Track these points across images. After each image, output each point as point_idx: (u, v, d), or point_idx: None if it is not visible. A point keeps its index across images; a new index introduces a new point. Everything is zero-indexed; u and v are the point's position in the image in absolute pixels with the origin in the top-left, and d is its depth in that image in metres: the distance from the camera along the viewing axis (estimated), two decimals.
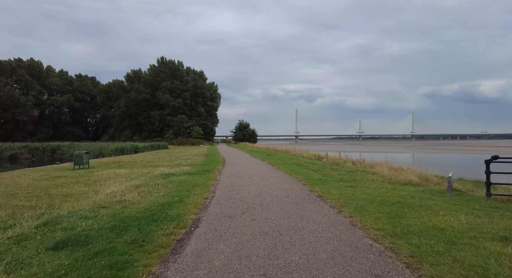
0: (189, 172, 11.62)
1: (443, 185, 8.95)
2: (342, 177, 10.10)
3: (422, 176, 10.23)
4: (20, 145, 43.13)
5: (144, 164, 16.20)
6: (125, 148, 34.55)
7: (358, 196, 6.55)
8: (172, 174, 11.16)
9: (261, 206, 5.78)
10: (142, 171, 12.58)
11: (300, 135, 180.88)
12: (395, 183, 9.02)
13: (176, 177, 10.33)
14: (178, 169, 12.92)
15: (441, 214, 4.80)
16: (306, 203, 5.98)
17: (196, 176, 10.54)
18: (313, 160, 18.18)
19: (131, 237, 3.89)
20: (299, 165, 14.42)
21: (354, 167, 13.81)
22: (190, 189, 7.75)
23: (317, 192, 7.19)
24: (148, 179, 9.88)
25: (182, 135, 67.01)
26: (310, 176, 10.11)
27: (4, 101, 66.53)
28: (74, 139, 68.55)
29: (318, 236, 3.95)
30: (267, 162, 16.86)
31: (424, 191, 7.61)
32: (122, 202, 6.28)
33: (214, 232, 4.21)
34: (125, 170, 12.96)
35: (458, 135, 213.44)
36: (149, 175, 11.03)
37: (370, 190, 7.46)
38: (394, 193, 6.98)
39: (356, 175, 10.81)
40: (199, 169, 12.75)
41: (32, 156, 40.87)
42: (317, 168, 13.08)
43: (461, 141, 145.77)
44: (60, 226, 4.41)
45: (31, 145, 43.10)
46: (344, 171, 11.94)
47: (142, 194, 7.15)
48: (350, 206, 5.57)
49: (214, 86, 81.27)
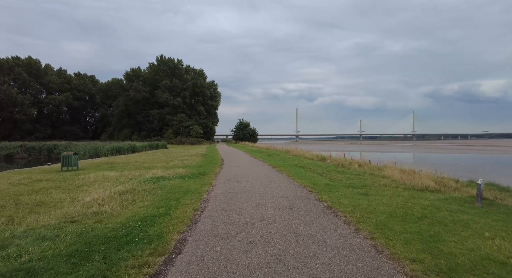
0: (183, 175, 10.66)
1: (463, 191, 8.00)
2: (350, 181, 9.14)
3: (437, 180, 9.29)
4: (17, 144, 42.34)
5: (137, 166, 15.25)
6: (122, 148, 33.62)
7: (374, 207, 5.60)
8: (164, 177, 10.21)
9: (261, 221, 4.82)
10: (133, 173, 11.64)
11: (301, 135, 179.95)
12: (411, 189, 8.06)
13: (167, 181, 9.38)
14: (172, 171, 11.97)
15: (486, 235, 3.83)
16: (315, 217, 5.02)
17: (190, 180, 9.58)
18: (316, 161, 17.23)
19: (89, 273, 2.94)
20: (302, 167, 13.46)
21: (361, 170, 12.86)
22: (180, 197, 6.80)
23: (326, 201, 6.23)
24: (136, 183, 8.93)
25: (182, 135, 66.06)
26: (316, 181, 9.15)
27: (1, 99, 65.64)
28: (73, 138, 67.70)
29: (336, 271, 2.99)
30: (268, 163, 15.91)
31: (446, 199, 6.65)
32: (98, 214, 5.34)
33: (200, 263, 3.26)
34: (115, 172, 12.02)
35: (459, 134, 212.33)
36: (139, 178, 10.09)
37: (386, 198, 6.50)
38: (415, 203, 6.02)
39: (365, 179, 9.85)
40: (194, 172, 11.79)
41: (29, 155, 40.12)
42: (321, 170, 12.12)
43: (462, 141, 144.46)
44: (3, 252, 3.46)
45: (27, 144, 42.30)
46: (351, 174, 10.99)
47: (124, 204, 6.21)
48: (369, 221, 4.61)
49: (214, 85, 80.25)
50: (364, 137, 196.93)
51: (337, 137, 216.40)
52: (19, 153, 40.98)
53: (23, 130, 70.25)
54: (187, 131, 66.01)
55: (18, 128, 69.81)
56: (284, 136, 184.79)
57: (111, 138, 72.92)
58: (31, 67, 73.96)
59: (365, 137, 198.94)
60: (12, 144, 42.48)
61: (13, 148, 41.13)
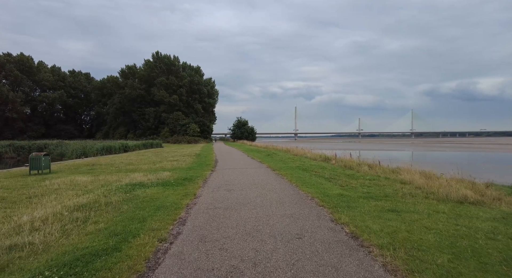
0: (165, 182, 8.94)
1: (508, 202, 6.35)
2: (368, 190, 7.45)
3: (470, 186, 7.65)
4: (5, 143, 40.64)
5: (119, 168, 13.51)
6: (113, 147, 31.81)
7: (419, 236, 3.91)
8: (142, 184, 8.49)
9: (255, 266, 3.11)
10: (109, 178, 9.92)
11: (299, 133, 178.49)
12: (445, 200, 6.39)
13: (144, 189, 7.67)
14: (155, 175, 10.26)
15: None
16: (337, 258, 3.32)
17: (170, 188, 7.86)
18: (319, 162, 15.55)
19: None
20: (305, 170, 11.78)
21: (373, 173, 11.19)
22: (149, 216, 5.08)
23: (346, 224, 4.52)
24: (105, 192, 7.22)
25: (178, 133, 64.22)
26: (325, 189, 7.45)
27: None
28: (67, 137, 65.77)
29: None
30: (266, 165, 14.21)
31: (505, 218, 4.98)
32: (17, 247, 3.64)
33: None
34: (89, 177, 10.29)
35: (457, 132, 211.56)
36: (112, 185, 8.38)
37: (424, 218, 4.82)
38: (470, 227, 4.34)
39: (383, 185, 8.18)
40: (180, 177, 10.07)
41: (18, 155, 38.41)
42: (329, 174, 10.44)
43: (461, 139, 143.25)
44: None
45: (16, 143, 40.58)
46: (365, 179, 9.32)
47: (68, 227, 4.50)
48: (427, 271, 2.90)
49: (212, 82, 78.34)
50: (362, 135, 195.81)
51: (335, 135, 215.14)
52: (8, 152, 39.31)
53: (15, 129, 68.22)
54: (184, 129, 64.16)
55: (10, 126, 67.77)
56: (282, 134, 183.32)
57: (106, 137, 71.05)
58: (23, 64, 71.77)
59: (364, 135, 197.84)
60: (0, 143, 40.83)
61: (1, 147, 39.47)
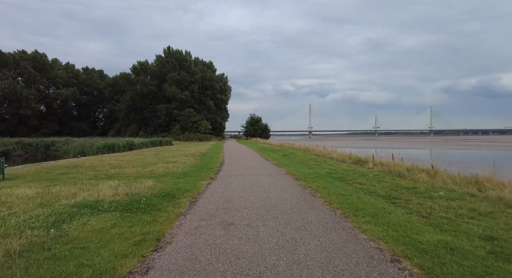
0: (133, 201, 5.84)
1: None
2: (469, 226, 4.06)
3: None
4: (14, 140, 39.60)
5: (98, 173, 10.63)
6: (116, 145, 29.51)
7: None
8: (95, 206, 5.47)
9: None
10: (62, 191, 6.99)
11: (314, 131, 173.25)
12: None
13: (88, 218, 4.63)
14: (130, 187, 7.23)
15: None
16: None
17: (127, 220, 4.71)
18: (352, 166, 12.14)
19: None
20: (342, 180, 8.42)
21: (439, 183, 7.70)
22: None
23: None
24: (21, 224, 4.25)
25: (190, 130, 61.86)
26: (406, 229, 4.11)
27: (6, 94, 63.59)
28: (81, 135, 64.94)
29: None
30: (285, 170, 10.93)
31: None
32: None
33: None
34: (40, 189, 7.40)
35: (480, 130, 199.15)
36: (52, 206, 5.44)
37: None
38: None
39: (480, 210, 4.76)
40: (162, 189, 6.98)
41: (26, 152, 37.19)
42: (380, 188, 7.06)
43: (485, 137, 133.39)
44: None
45: (24, 140, 39.39)
46: (441, 199, 5.90)
47: None
48: None
49: (224, 78, 75.46)
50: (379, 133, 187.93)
51: (350, 133, 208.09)
52: (16, 150, 38.15)
53: (29, 126, 68.14)
54: (195, 126, 61.69)
55: (24, 124, 67.75)
56: (296, 132, 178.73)
57: (118, 134, 69.79)
58: (37, 61, 71.69)
59: (380, 133, 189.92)
60: (9, 141, 39.92)
61: (10, 144, 38.42)
